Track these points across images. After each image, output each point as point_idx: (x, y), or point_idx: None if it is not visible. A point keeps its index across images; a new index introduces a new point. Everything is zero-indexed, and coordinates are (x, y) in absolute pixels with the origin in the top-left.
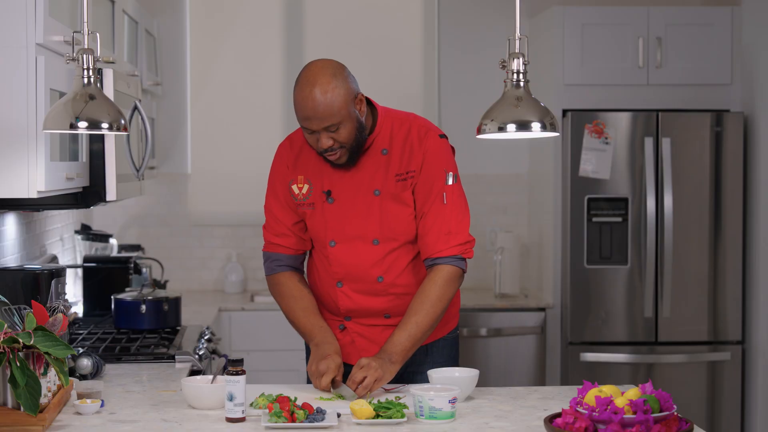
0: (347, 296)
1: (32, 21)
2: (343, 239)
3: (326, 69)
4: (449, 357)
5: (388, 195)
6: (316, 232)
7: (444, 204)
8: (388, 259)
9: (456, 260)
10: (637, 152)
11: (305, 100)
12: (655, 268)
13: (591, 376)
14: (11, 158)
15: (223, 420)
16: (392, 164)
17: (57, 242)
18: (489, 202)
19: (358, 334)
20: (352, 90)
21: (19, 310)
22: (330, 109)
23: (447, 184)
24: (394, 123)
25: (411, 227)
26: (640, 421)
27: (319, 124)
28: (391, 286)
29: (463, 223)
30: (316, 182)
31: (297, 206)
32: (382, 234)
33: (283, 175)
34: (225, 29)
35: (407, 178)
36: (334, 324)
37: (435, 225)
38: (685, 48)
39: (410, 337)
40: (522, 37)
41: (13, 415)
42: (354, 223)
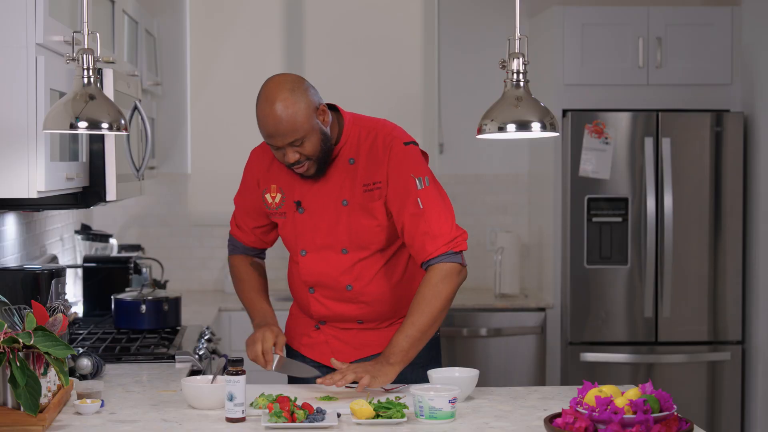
0: (319, 302)
1: (32, 21)
2: (312, 248)
3: (284, 84)
4: (429, 358)
5: (356, 205)
6: (287, 241)
7: (421, 209)
8: (357, 268)
9: (448, 256)
10: (637, 152)
11: (266, 118)
12: (655, 268)
13: (591, 376)
14: (11, 158)
15: (223, 420)
16: (359, 174)
17: (57, 242)
18: (489, 202)
19: (332, 336)
20: (313, 102)
21: (19, 310)
22: (292, 125)
23: (419, 189)
24: (362, 131)
25: (379, 237)
26: (640, 421)
27: (283, 141)
28: (361, 294)
29: (447, 222)
30: (287, 192)
31: (270, 214)
32: (350, 243)
33: (255, 179)
34: (225, 29)
35: (374, 188)
36: (311, 323)
37: (418, 231)
38: (685, 48)
39: (407, 337)
40: (522, 37)
41: (13, 415)
42: (323, 233)
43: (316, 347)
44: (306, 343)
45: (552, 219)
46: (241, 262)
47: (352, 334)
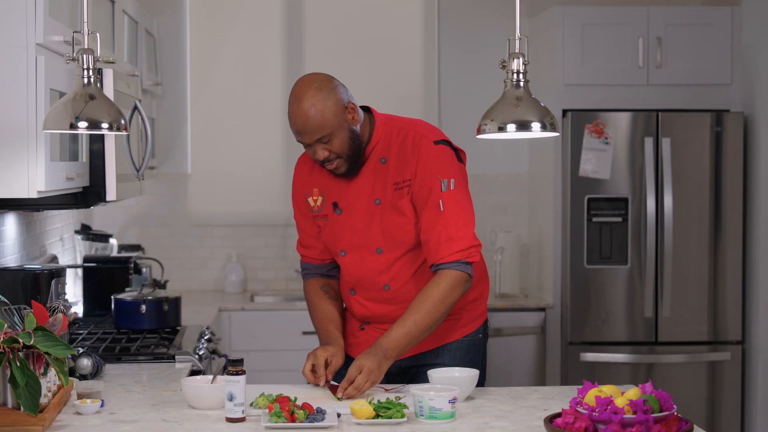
0: (360, 304)
1: (32, 21)
2: (351, 249)
3: (312, 83)
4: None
5: (388, 204)
6: (329, 243)
7: (441, 211)
8: (394, 268)
9: (460, 265)
10: (637, 152)
11: (294, 116)
12: (655, 268)
13: (591, 376)
14: (11, 158)
15: (223, 420)
16: (390, 173)
17: (57, 242)
18: (489, 202)
19: (375, 337)
20: (341, 100)
21: (19, 310)
22: (318, 122)
23: (442, 191)
24: (393, 130)
25: (411, 234)
26: (640, 421)
27: (311, 138)
28: (399, 294)
29: (466, 228)
30: (327, 194)
31: (314, 218)
32: (384, 243)
33: (300, 189)
34: (225, 29)
35: (403, 186)
36: (356, 324)
37: (434, 233)
38: (685, 48)
39: (407, 334)
40: (522, 37)
41: (13, 415)
42: (359, 233)
43: (360, 347)
44: (351, 343)
45: (552, 219)
46: (311, 287)
47: None
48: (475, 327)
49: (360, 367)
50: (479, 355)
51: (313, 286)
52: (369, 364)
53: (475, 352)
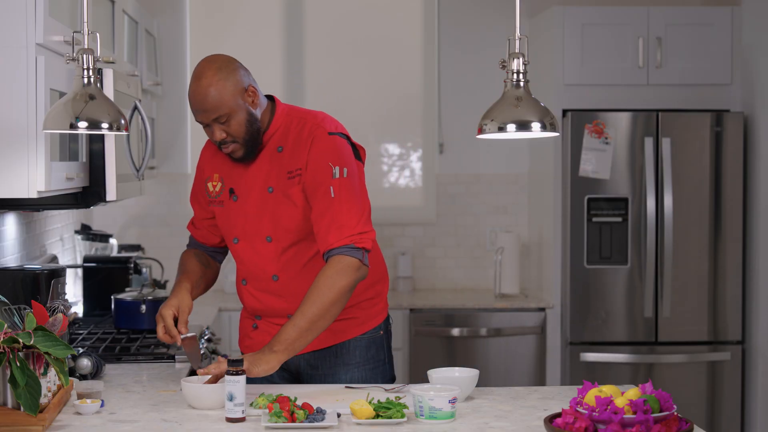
0: (252, 295)
1: (32, 21)
2: (243, 236)
3: (213, 63)
4: (367, 358)
5: (280, 193)
6: (223, 230)
7: (332, 198)
8: (283, 258)
9: (349, 250)
10: (637, 152)
11: (193, 94)
12: (655, 268)
13: (591, 376)
14: (11, 158)
15: (223, 420)
16: (285, 161)
17: (57, 242)
18: (489, 202)
19: (268, 333)
20: (240, 82)
21: (19, 310)
22: (216, 101)
23: (333, 177)
24: (293, 120)
25: (301, 225)
26: (640, 421)
27: (208, 117)
28: (288, 286)
29: (357, 215)
30: (226, 180)
31: (209, 203)
32: (274, 231)
33: (201, 173)
34: (225, 29)
35: (295, 175)
36: (249, 323)
37: (325, 219)
38: (685, 48)
39: (295, 327)
40: (522, 37)
41: (13, 415)
42: (251, 220)
43: (256, 348)
44: (248, 345)
45: (552, 219)
46: (187, 253)
47: None
48: (374, 324)
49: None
50: (382, 350)
51: (189, 252)
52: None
53: (377, 349)
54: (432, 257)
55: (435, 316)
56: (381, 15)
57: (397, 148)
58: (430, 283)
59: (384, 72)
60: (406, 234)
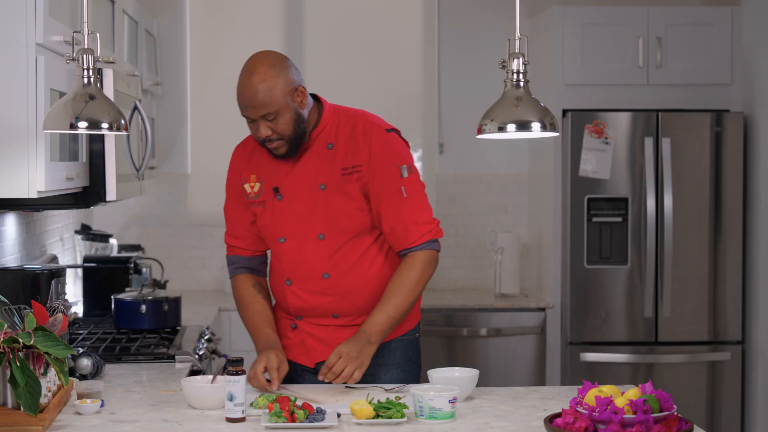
0: (296, 295)
1: (32, 21)
2: (291, 235)
3: (265, 59)
4: (405, 360)
5: (334, 189)
6: (266, 230)
7: (404, 197)
8: (336, 256)
9: (430, 244)
10: (637, 152)
11: (243, 89)
12: (655, 268)
13: (591, 376)
14: (11, 158)
15: (223, 420)
16: (338, 159)
17: (57, 242)
18: (489, 202)
19: (308, 333)
20: (292, 81)
21: (19, 310)
22: (267, 98)
23: (403, 177)
24: (341, 118)
25: (356, 220)
26: (640, 421)
27: (257, 113)
28: (338, 284)
29: (427, 209)
30: (266, 180)
31: (249, 204)
32: (328, 227)
33: (237, 175)
34: (225, 29)
35: (353, 172)
36: (287, 323)
37: (401, 219)
38: (685, 48)
39: (389, 318)
40: (522, 37)
41: (13, 415)
42: (301, 218)
43: (294, 348)
44: (285, 345)
45: (552, 219)
46: (243, 283)
47: (328, 332)
48: (411, 326)
49: (339, 353)
50: (416, 353)
51: (245, 284)
52: (347, 350)
53: (413, 351)
54: None
55: (435, 316)
56: (381, 15)
57: None
58: (431, 283)
59: (384, 72)
60: None
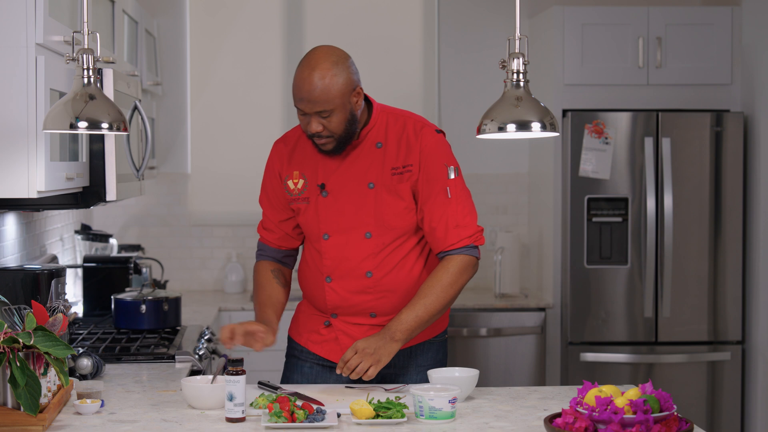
0: (335, 292)
1: (32, 21)
2: (336, 232)
3: (330, 56)
4: (435, 361)
5: (383, 188)
6: (309, 226)
7: (449, 198)
8: (381, 254)
9: (469, 249)
10: (637, 152)
11: (303, 82)
12: (655, 268)
13: (591, 376)
14: (11, 158)
15: (223, 420)
16: (388, 158)
17: (57, 242)
18: (489, 202)
19: (342, 331)
20: (352, 81)
21: (19, 310)
22: (325, 95)
23: (449, 178)
24: (390, 118)
25: (405, 220)
26: (640, 421)
27: (312, 108)
28: (380, 283)
29: (471, 215)
30: (311, 177)
31: (292, 201)
32: (376, 226)
33: (276, 171)
34: (225, 29)
35: (404, 171)
36: (320, 320)
37: (443, 220)
38: (685, 48)
39: (417, 317)
40: (522, 37)
41: (13, 415)
42: (347, 216)
43: (325, 344)
44: (315, 340)
45: (552, 219)
46: (263, 267)
47: (363, 331)
48: (443, 327)
49: (356, 349)
50: (446, 354)
51: (265, 268)
52: (365, 346)
53: (444, 352)
54: None
55: None
56: (381, 15)
57: None
58: None
59: (384, 72)
60: None
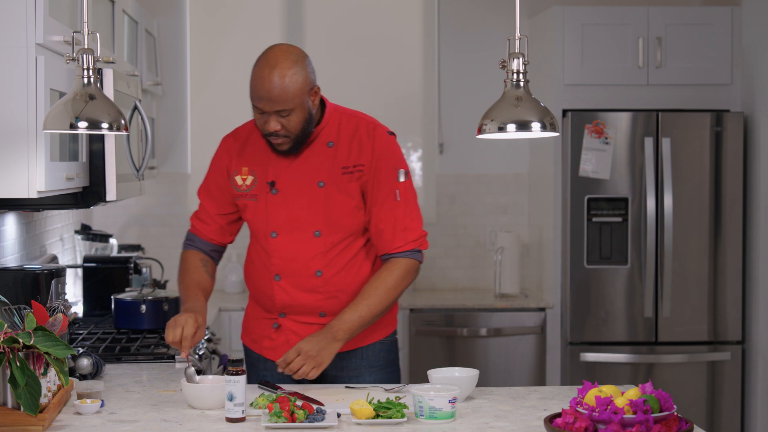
0: (284, 290)
1: (32, 21)
2: (285, 230)
3: (289, 54)
4: (387, 361)
5: (333, 186)
6: (257, 223)
7: (398, 201)
8: (331, 253)
9: (413, 253)
10: (637, 152)
11: (263, 81)
12: (655, 268)
13: (591, 376)
14: (11, 158)
15: (223, 420)
16: (339, 157)
17: (57, 242)
18: (489, 202)
19: (292, 332)
20: (310, 80)
21: (19, 310)
22: (285, 94)
23: (399, 181)
24: (342, 118)
25: (354, 219)
26: (640, 421)
27: (272, 107)
28: (330, 283)
29: (418, 219)
30: (260, 174)
31: (238, 197)
32: (325, 225)
33: (224, 166)
34: (225, 29)
35: (354, 171)
36: (268, 323)
37: (390, 222)
38: (685, 48)
39: (360, 318)
40: (522, 37)
41: (13, 415)
42: (297, 214)
43: (279, 349)
44: (268, 346)
45: (552, 219)
46: (192, 255)
47: (312, 330)
48: (393, 328)
49: (299, 350)
50: (397, 354)
51: (194, 256)
52: (307, 348)
53: (395, 352)
54: (432, 257)
55: (435, 316)
56: (381, 15)
57: None
58: (430, 283)
59: (384, 72)
60: None
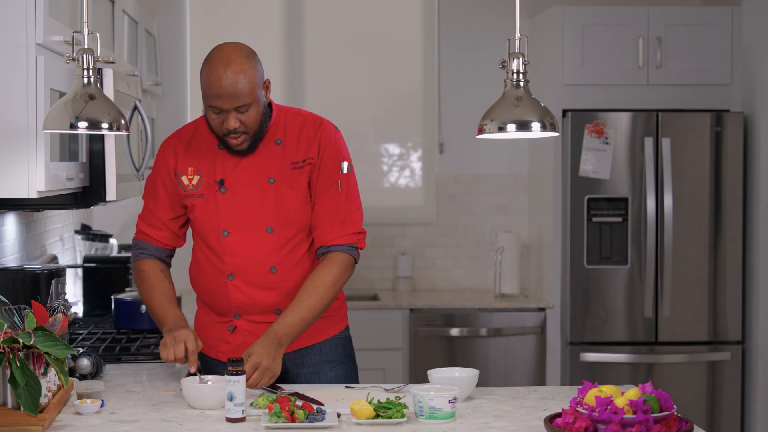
0: (239, 290)
1: (32, 21)
2: (236, 228)
3: (241, 50)
4: (345, 355)
5: (283, 182)
6: (206, 223)
7: (339, 192)
8: (283, 251)
9: (350, 249)
10: (637, 152)
11: (219, 78)
12: (655, 268)
13: (591, 376)
14: (11, 158)
15: (223, 420)
16: (288, 153)
17: (57, 242)
18: (489, 202)
19: (249, 332)
20: (262, 75)
21: (19, 310)
22: (243, 89)
23: (342, 172)
24: (287, 116)
25: (305, 213)
26: (640, 421)
27: (231, 103)
28: (284, 279)
29: (357, 213)
30: (207, 173)
31: (185, 197)
32: (277, 221)
33: (170, 167)
34: (225, 29)
35: (304, 165)
36: (223, 327)
37: (330, 212)
38: (685, 48)
39: (302, 320)
40: (522, 37)
41: (13, 415)
42: (248, 211)
43: (236, 351)
44: (225, 350)
45: (552, 219)
46: (151, 267)
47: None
48: (345, 323)
49: (255, 366)
50: (353, 350)
51: (154, 267)
52: (264, 363)
53: (351, 347)
54: (432, 257)
55: (435, 316)
56: (381, 15)
57: (397, 148)
58: (430, 283)
59: (384, 72)
60: (406, 234)
